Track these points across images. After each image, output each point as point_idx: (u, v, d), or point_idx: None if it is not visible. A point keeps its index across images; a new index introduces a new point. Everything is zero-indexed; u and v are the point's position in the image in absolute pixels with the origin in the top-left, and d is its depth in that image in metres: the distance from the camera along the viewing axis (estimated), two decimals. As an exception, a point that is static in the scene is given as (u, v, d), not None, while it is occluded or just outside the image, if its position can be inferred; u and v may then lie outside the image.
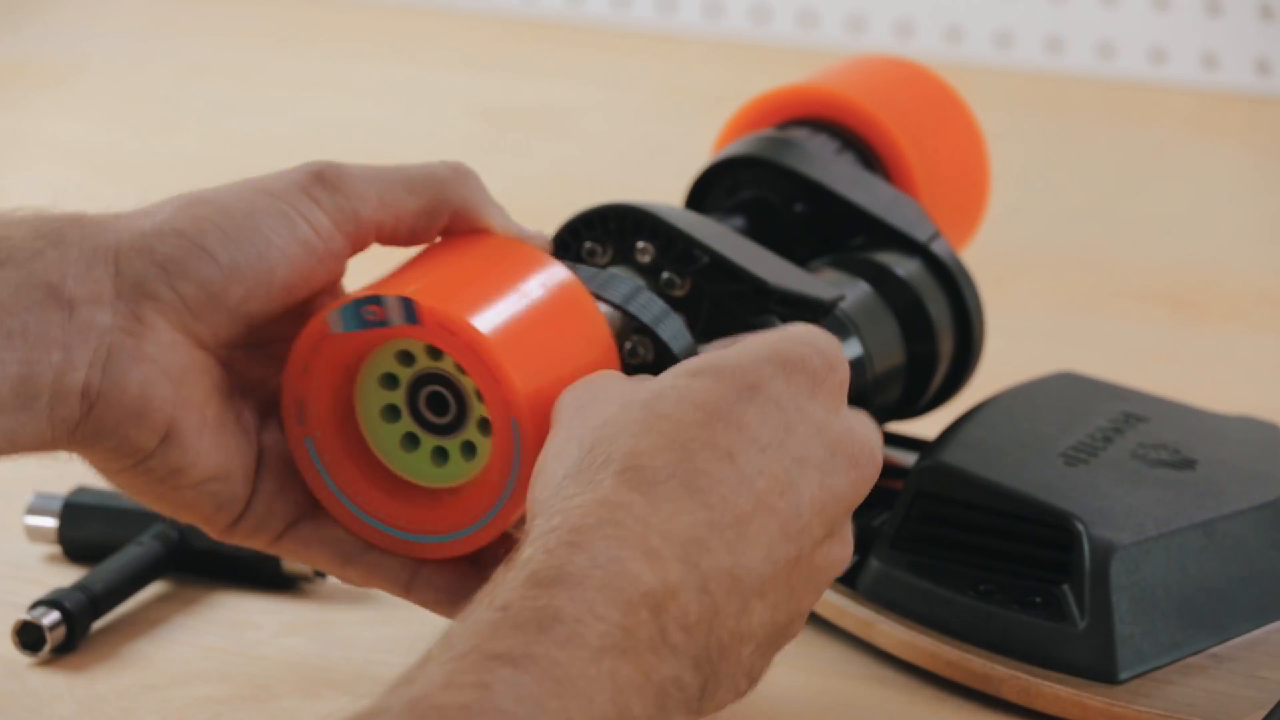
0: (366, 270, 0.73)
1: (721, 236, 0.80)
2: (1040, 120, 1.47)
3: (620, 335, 0.74)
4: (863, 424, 0.68)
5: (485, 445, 0.71)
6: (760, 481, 0.65)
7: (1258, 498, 0.80)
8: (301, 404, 0.71)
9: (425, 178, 0.73)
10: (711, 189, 0.87)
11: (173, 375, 0.70)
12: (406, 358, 0.71)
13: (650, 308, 0.75)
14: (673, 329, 0.75)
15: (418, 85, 1.51)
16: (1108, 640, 0.75)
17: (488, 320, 0.69)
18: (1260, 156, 1.42)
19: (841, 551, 0.67)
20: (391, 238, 0.73)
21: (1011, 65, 1.55)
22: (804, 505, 0.65)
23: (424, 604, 0.73)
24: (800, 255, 0.84)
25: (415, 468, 0.72)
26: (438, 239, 0.74)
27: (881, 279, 0.83)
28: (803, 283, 0.80)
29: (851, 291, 0.82)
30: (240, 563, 0.83)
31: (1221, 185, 1.37)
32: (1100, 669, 0.75)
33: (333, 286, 0.73)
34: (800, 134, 0.88)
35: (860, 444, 0.67)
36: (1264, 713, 0.73)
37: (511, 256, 0.73)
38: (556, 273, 0.72)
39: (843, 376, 0.68)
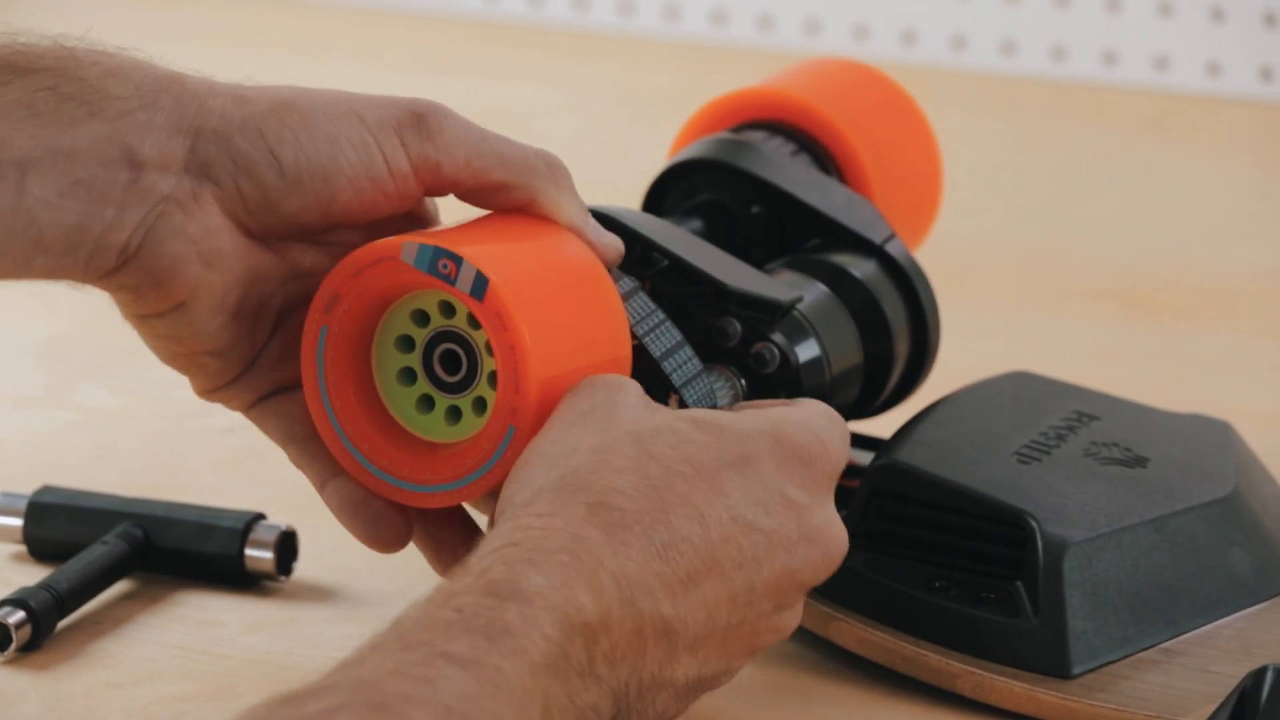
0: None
1: (680, 239, 0.81)
2: (994, 122, 1.47)
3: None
4: (838, 520, 0.71)
5: (471, 421, 0.73)
6: (722, 549, 0.67)
7: (1208, 495, 0.81)
8: (336, 298, 0.73)
9: (519, 160, 0.74)
10: (669, 191, 0.88)
11: (206, 258, 0.72)
12: (447, 309, 0.73)
13: (684, 369, 0.76)
14: (700, 392, 0.76)
15: (380, 87, 1.51)
16: (1061, 636, 0.76)
17: (539, 331, 0.71)
18: (1212, 157, 1.43)
19: (790, 621, 0.70)
20: (468, 198, 0.75)
21: (966, 67, 1.56)
22: (760, 581, 0.68)
23: (330, 507, 0.75)
24: (757, 257, 0.85)
25: (400, 405, 0.74)
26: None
27: (838, 280, 0.84)
28: (761, 284, 0.80)
29: (809, 293, 0.82)
30: (204, 561, 0.84)
31: (1173, 186, 1.38)
32: (1053, 664, 0.76)
33: (404, 213, 0.75)
34: (756, 136, 0.89)
35: (833, 537, 0.70)
36: (1213, 706, 0.73)
37: (581, 268, 0.74)
38: (614, 305, 0.74)
39: (835, 466, 0.71)
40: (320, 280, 0.73)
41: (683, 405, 0.76)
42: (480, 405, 0.73)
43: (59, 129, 0.70)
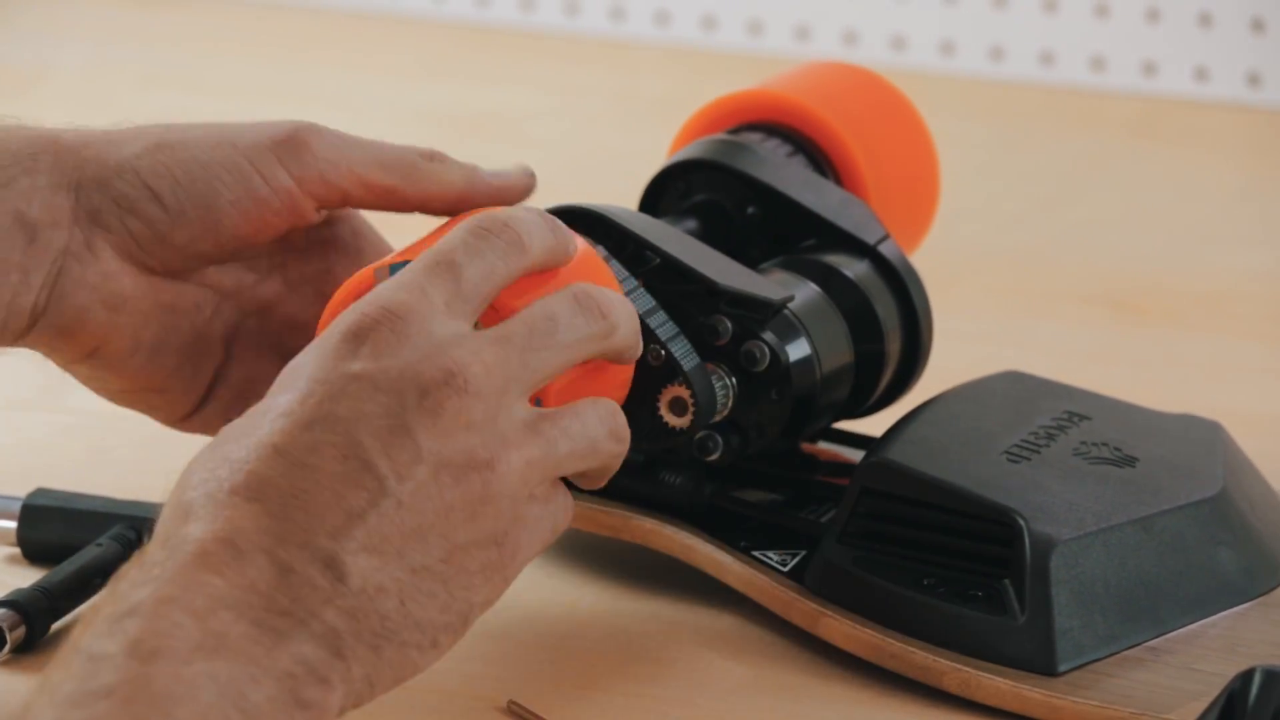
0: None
1: (672, 238, 0.81)
2: (983, 126, 1.48)
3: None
4: (461, 344, 0.66)
5: None
6: (311, 457, 0.64)
7: (1196, 494, 0.82)
8: None
9: (398, 161, 0.76)
10: (666, 191, 0.88)
11: (110, 303, 0.75)
12: None
13: (686, 359, 0.77)
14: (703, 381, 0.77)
15: (372, 92, 1.52)
16: (1047, 633, 0.77)
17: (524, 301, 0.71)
18: (1200, 162, 1.43)
19: (474, 485, 0.66)
20: (361, 203, 0.77)
21: (955, 73, 1.57)
22: (375, 454, 0.64)
23: None
24: (752, 257, 0.86)
25: None
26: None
27: (830, 280, 0.84)
28: (752, 283, 0.81)
29: (800, 292, 0.83)
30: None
31: (1160, 190, 1.38)
32: (1039, 661, 0.76)
33: (309, 226, 0.77)
34: (753, 138, 0.89)
35: (419, 358, 0.66)
36: (1198, 704, 0.74)
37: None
38: (596, 264, 0.75)
39: (398, 321, 0.66)
40: (257, 293, 0.76)
41: (691, 390, 0.77)
42: None
43: None
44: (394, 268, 0.72)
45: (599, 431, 0.70)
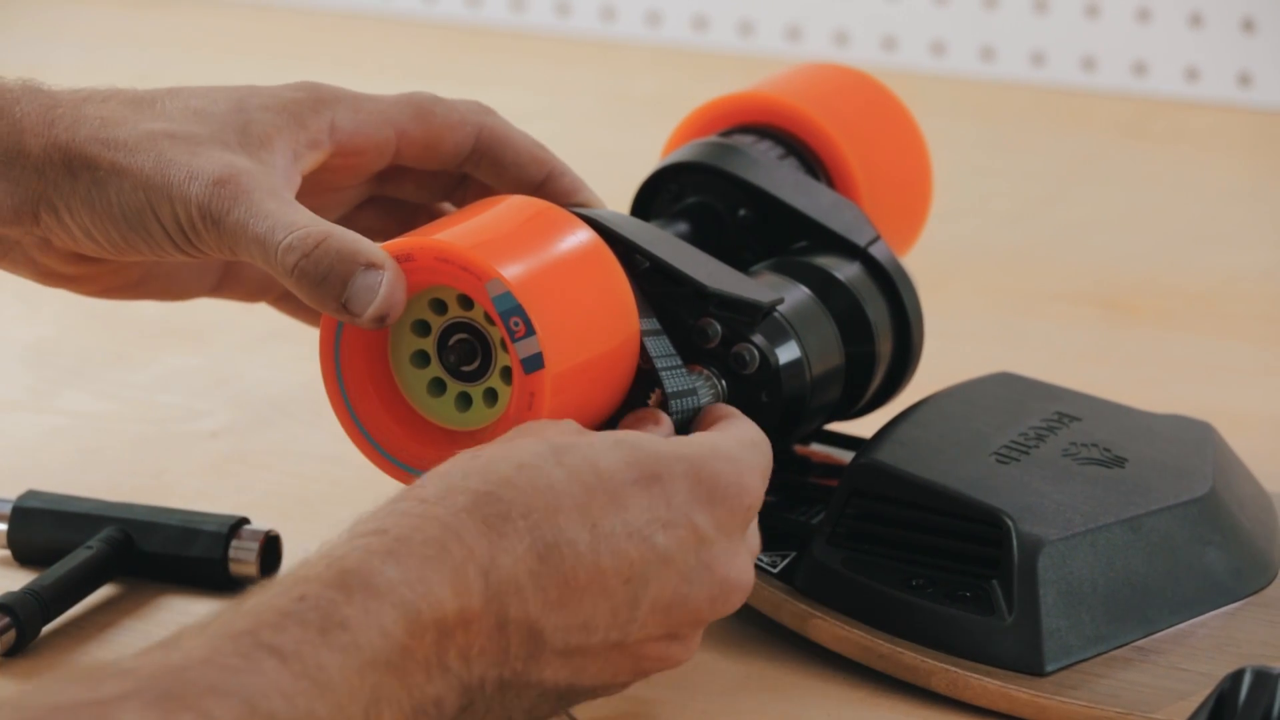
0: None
1: (662, 241, 0.81)
2: (974, 127, 1.48)
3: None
4: (745, 561, 0.70)
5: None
6: (610, 560, 0.66)
7: (1185, 494, 0.82)
8: (408, 257, 0.74)
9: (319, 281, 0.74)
10: (658, 194, 0.89)
11: (66, 274, 0.79)
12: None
13: (672, 370, 0.77)
14: (680, 384, 0.77)
15: (364, 92, 1.52)
16: (1034, 633, 0.77)
17: (560, 396, 0.73)
18: (1190, 162, 1.44)
19: (680, 653, 0.69)
20: None
21: (946, 73, 1.57)
22: (646, 600, 0.67)
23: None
24: (744, 260, 0.86)
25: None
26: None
27: (821, 282, 0.84)
28: (741, 286, 0.81)
29: (790, 294, 0.83)
30: (188, 566, 0.84)
31: (1151, 190, 1.38)
32: (1027, 661, 0.77)
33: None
34: (744, 140, 0.89)
35: (736, 575, 0.69)
36: (1186, 704, 0.74)
37: (596, 266, 0.76)
38: (628, 304, 0.76)
39: (750, 504, 0.70)
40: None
41: (665, 400, 0.77)
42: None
43: None
44: (507, 295, 0.72)
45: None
